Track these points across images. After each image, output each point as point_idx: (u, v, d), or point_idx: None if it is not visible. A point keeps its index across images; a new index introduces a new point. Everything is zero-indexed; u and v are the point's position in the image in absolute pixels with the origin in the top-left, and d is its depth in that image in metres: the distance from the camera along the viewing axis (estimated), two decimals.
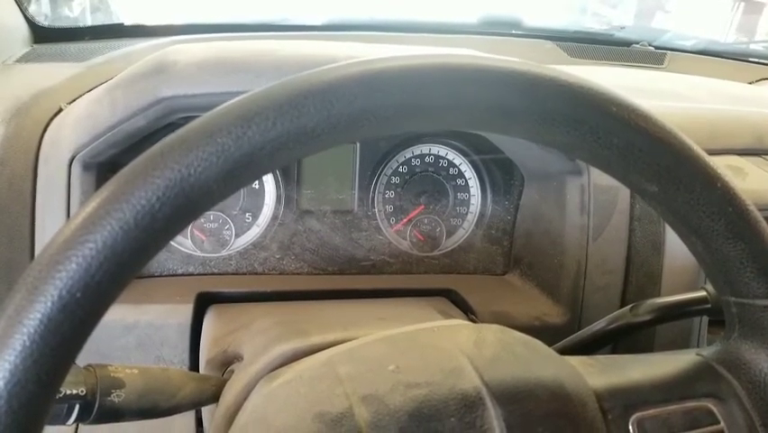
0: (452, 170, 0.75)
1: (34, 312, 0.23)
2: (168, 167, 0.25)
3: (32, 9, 0.89)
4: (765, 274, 0.34)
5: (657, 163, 0.31)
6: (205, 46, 0.60)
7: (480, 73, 0.29)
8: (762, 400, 0.36)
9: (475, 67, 0.29)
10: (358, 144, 0.72)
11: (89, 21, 1.10)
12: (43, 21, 0.91)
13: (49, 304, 0.23)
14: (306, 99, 0.27)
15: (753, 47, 1.70)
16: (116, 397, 0.38)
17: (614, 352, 0.61)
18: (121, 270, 0.25)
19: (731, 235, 0.33)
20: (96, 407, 0.37)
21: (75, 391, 0.36)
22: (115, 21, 1.07)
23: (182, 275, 0.69)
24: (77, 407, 0.37)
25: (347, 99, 0.27)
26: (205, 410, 0.51)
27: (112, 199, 0.25)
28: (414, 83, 0.29)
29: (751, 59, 1.28)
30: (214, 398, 0.44)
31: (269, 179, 0.70)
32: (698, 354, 0.39)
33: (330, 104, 0.27)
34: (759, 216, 0.34)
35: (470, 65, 0.29)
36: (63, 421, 0.37)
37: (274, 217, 0.70)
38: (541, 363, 0.37)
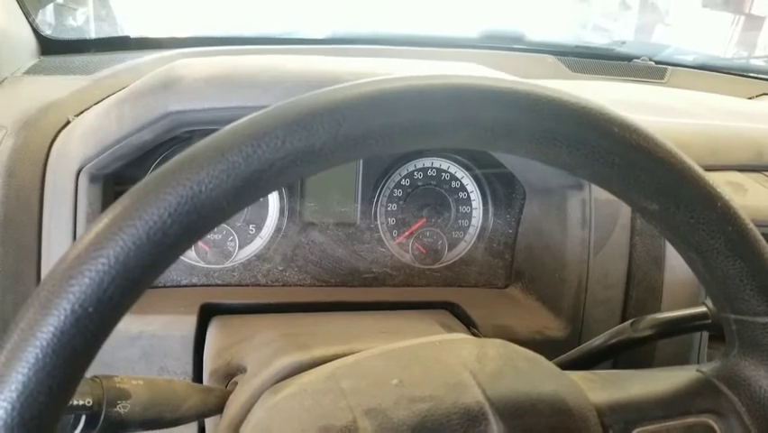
0: (454, 184, 0.75)
1: (47, 326, 0.24)
2: (179, 184, 0.26)
3: (37, 19, 0.90)
4: (764, 292, 0.34)
5: (657, 182, 0.32)
6: (212, 61, 0.61)
7: (485, 93, 0.30)
8: (761, 417, 0.36)
9: (479, 87, 0.30)
10: None
11: (94, 30, 1.11)
12: (48, 30, 0.92)
13: (62, 318, 0.24)
14: (315, 119, 0.27)
15: (753, 62, 1.72)
16: (122, 408, 0.38)
17: (615, 366, 0.62)
18: (132, 284, 0.25)
19: (731, 254, 0.34)
20: (101, 418, 0.38)
21: (81, 402, 0.37)
22: (121, 32, 1.08)
23: (186, 286, 0.69)
24: (83, 418, 0.37)
25: (354, 119, 0.28)
26: (209, 422, 0.51)
27: (124, 215, 0.25)
28: (419, 103, 0.29)
29: (751, 75, 1.29)
30: (218, 409, 0.45)
31: (273, 192, 0.71)
32: (698, 371, 0.40)
33: (338, 123, 0.28)
34: (758, 234, 0.35)
35: (474, 85, 0.30)
36: (69, 432, 0.37)
37: (278, 229, 0.71)
38: (543, 378, 0.38)
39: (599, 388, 0.38)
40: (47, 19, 0.99)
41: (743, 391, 0.37)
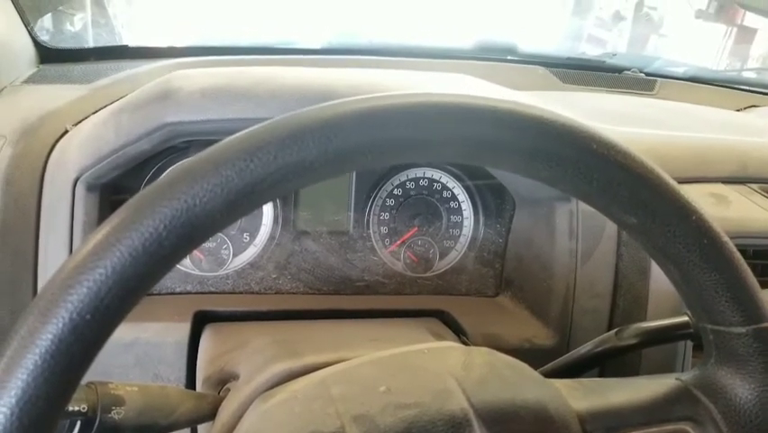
0: (445, 194, 0.77)
1: (46, 333, 0.25)
2: (174, 197, 0.27)
3: (36, 27, 0.91)
4: (739, 303, 0.36)
5: (635, 197, 0.33)
6: (209, 72, 0.62)
7: (469, 111, 0.31)
8: (737, 424, 0.38)
9: (463, 105, 0.31)
10: None
11: (92, 39, 1.12)
12: (46, 36, 0.93)
13: (60, 326, 0.25)
14: (306, 135, 0.29)
15: (742, 74, 1.74)
16: (116, 414, 0.39)
17: (602, 374, 0.63)
18: (128, 293, 0.26)
19: (706, 266, 0.35)
20: (96, 424, 0.38)
21: (77, 408, 0.38)
22: (119, 40, 1.09)
23: (180, 293, 0.70)
24: (78, 423, 0.38)
25: (344, 135, 0.29)
26: (201, 428, 0.52)
27: (121, 227, 0.26)
28: (407, 120, 0.30)
29: (740, 87, 1.31)
30: (211, 416, 0.45)
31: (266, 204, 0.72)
32: (677, 379, 0.41)
33: (328, 139, 0.29)
34: (733, 246, 0.36)
35: (459, 103, 0.31)
36: None
37: (271, 238, 0.72)
38: (526, 386, 0.39)
39: (581, 396, 0.39)
40: (45, 26, 1.00)
41: (719, 399, 0.38)
